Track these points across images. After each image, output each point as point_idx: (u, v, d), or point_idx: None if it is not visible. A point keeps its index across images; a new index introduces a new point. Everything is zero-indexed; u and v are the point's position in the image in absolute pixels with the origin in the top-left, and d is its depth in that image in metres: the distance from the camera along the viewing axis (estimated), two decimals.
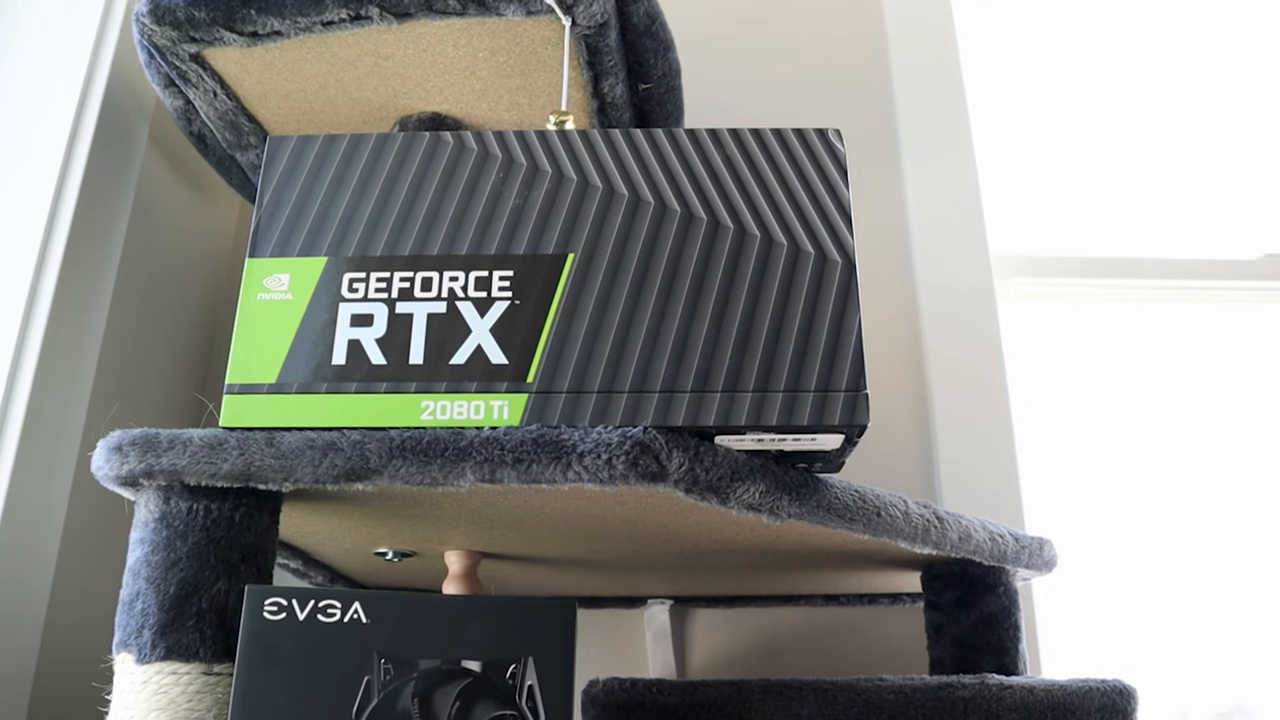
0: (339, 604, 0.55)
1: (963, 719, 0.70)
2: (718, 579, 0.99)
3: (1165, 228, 1.56)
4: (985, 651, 0.88)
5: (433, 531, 0.74)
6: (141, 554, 0.58)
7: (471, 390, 0.58)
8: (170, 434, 0.58)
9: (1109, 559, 1.35)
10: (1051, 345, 1.45)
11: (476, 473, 0.55)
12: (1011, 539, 0.84)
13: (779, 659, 1.16)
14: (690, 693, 0.69)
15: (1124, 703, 0.74)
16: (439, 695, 0.54)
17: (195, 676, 0.56)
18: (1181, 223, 1.56)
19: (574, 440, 0.55)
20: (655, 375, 0.57)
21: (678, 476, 0.55)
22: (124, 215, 1.01)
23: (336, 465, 0.56)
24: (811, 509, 0.63)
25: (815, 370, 0.57)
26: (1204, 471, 1.40)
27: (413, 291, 0.60)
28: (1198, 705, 1.31)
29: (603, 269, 0.60)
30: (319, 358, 0.59)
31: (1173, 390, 1.44)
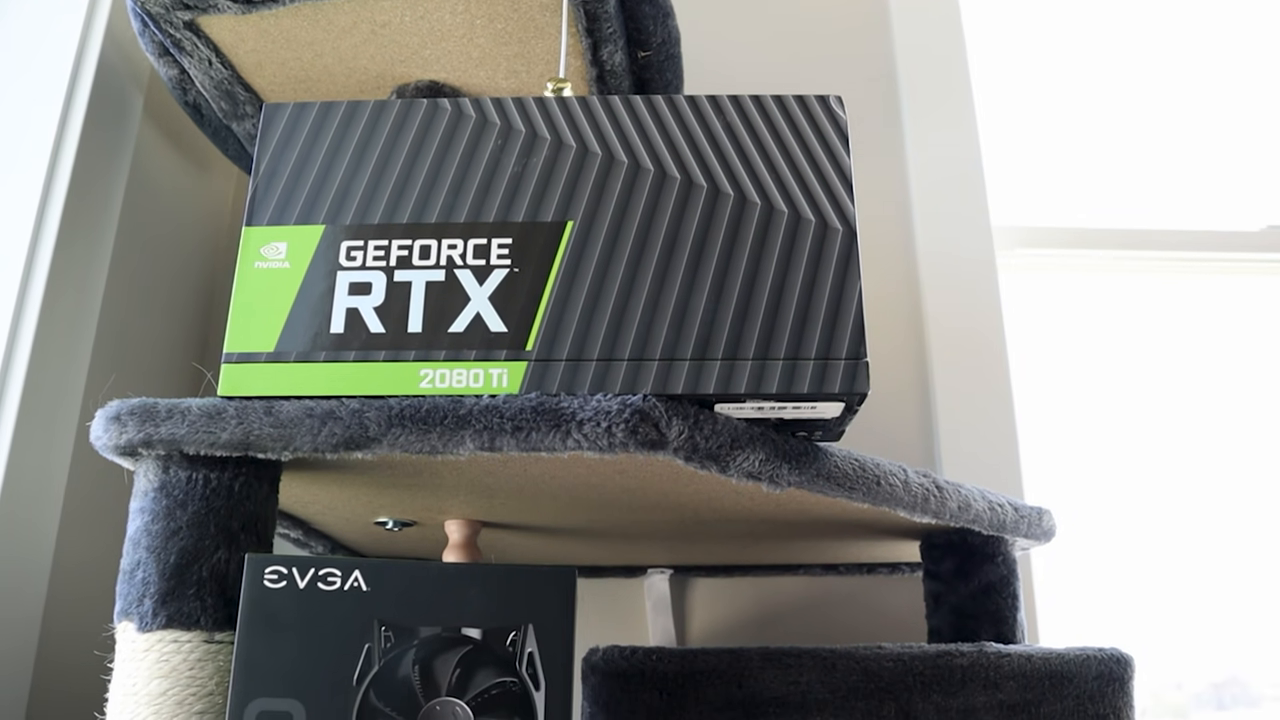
0: (339, 572, 0.55)
1: (960, 686, 0.71)
2: (717, 548, 0.99)
3: (1168, 199, 1.55)
4: (983, 620, 0.89)
5: (432, 500, 0.74)
6: (141, 523, 0.58)
7: (470, 358, 0.58)
8: (169, 403, 0.58)
9: (1107, 530, 1.35)
10: (1052, 316, 1.44)
11: (476, 441, 0.55)
12: (1010, 508, 0.84)
13: (778, 628, 1.16)
14: (690, 660, 0.69)
15: (1121, 671, 0.74)
16: (439, 662, 0.54)
17: (197, 645, 0.56)
18: (1184, 194, 1.56)
19: (573, 408, 0.55)
20: (655, 343, 0.57)
21: (677, 444, 0.55)
22: (119, 186, 1.01)
23: (335, 434, 0.56)
24: (811, 477, 0.63)
25: (815, 338, 0.57)
26: (1203, 444, 1.40)
27: (411, 259, 0.60)
28: (1192, 675, 1.32)
29: (602, 236, 0.59)
30: (317, 326, 0.59)
31: (1173, 362, 1.44)
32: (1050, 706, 0.71)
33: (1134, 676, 0.75)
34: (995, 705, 0.71)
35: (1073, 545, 1.34)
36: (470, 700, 0.54)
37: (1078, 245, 1.45)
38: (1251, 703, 1.32)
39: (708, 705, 0.68)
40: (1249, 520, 1.37)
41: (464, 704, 0.54)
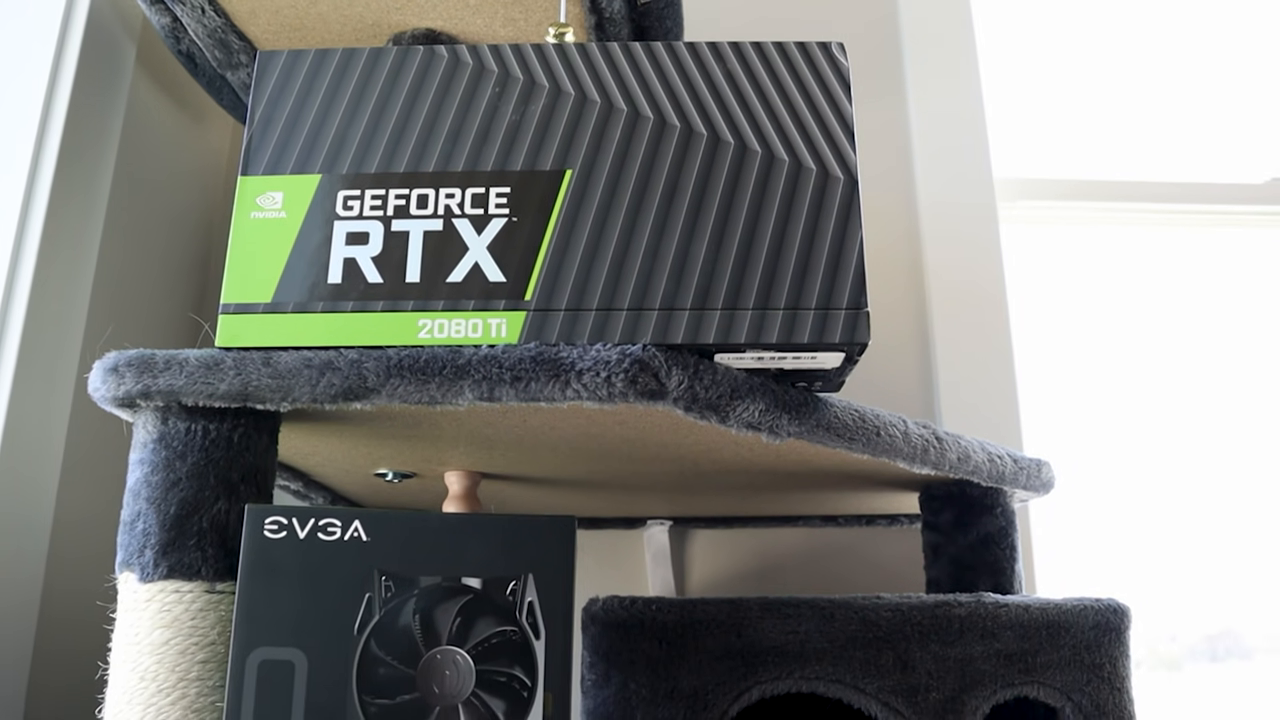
0: (339, 522, 0.55)
1: (958, 636, 0.71)
2: (717, 499, 0.99)
3: (1172, 151, 1.54)
4: (982, 571, 0.89)
5: (432, 452, 0.74)
6: (141, 474, 0.58)
7: (469, 308, 0.57)
8: (166, 354, 0.58)
9: (1104, 482, 1.36)
10: (1054, 269, 1.44)
11: (475, 391, 0.55)
12: (1010, 460, 0.84)
13: (777, 579, 1.17)
14: (689, 610, 0.69)
15: (1117, 621, 0.75)
16: (440, 612, 0.55)
17: (198, 595, 0.56)
18: (1188, 147, 1.55)
19: (572, 358, 0.55)
20: (654, 292, 0.57)
21: (677, 394, 0.55)
22: (114, 137, 1.00)
23: (334, 384, 0.56)
24: (811, 428, 0.62)
25: (816, 287, 0.56)
26: (1202, 396, 1.40)
27: (408, 209, 0.59)
28: (1186, 628, 1.33)
29: (601, 185, 0.59)
30: (315, 276, 0.59)
31: (1175, 316, 1.43)
32: (1047, 656, 0.72)
33: (1130, 627, 0.75)
34: (993, 654, 0.71)
35: (1070, 497, 1.35)
36: (471, 649, 0.54)
37: (1080, 197, 1.44)
38: (1244, 655, 1.34)
39: (707, 654, 0.68)
40: (1244, 474, 1.38)
41: (464, 653, 0.54)
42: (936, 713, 0.69)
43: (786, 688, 0.69)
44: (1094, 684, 0.72)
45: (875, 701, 0.69)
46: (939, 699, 0.70)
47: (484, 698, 0.54)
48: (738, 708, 0.68)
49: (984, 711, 0.70)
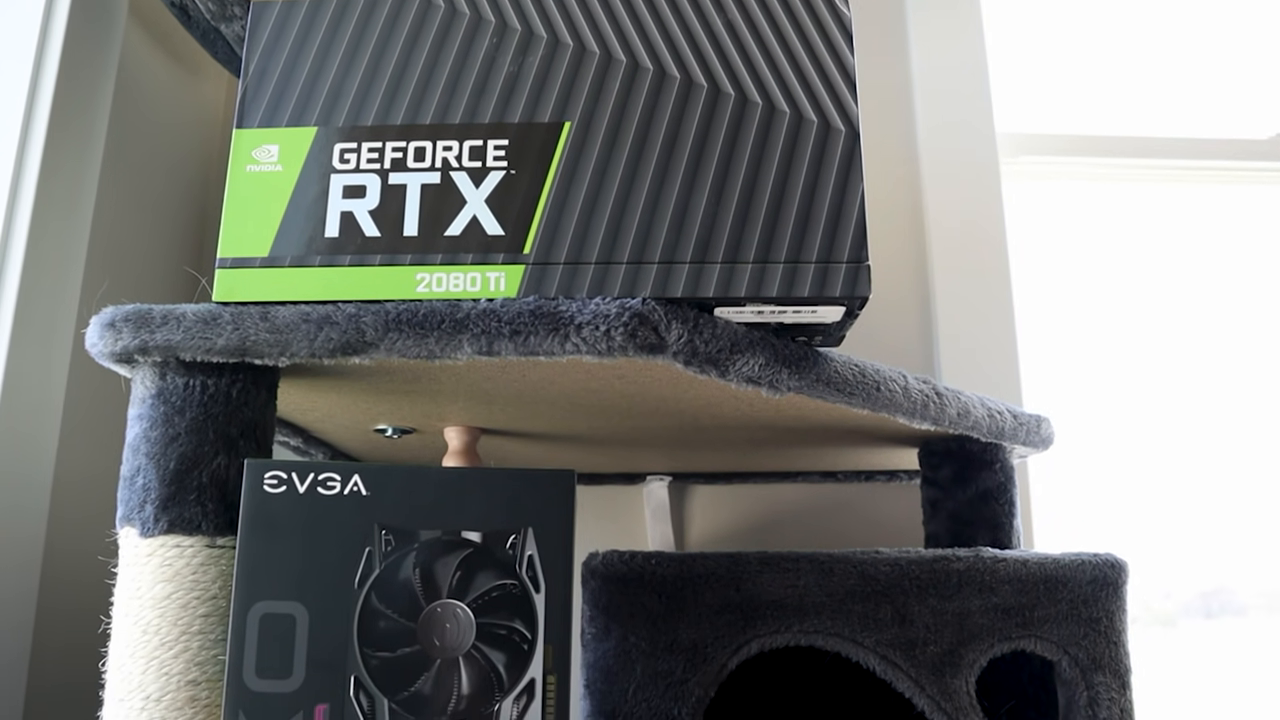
0: (339, 477, 0.55)
1: (956, 590, 0.71)
2: (716, 455, 0.99)
3: (1175, 106, 1.52)
4: (980, 526, 0.89)
5: (431, 407, 0.74)
6: (140, 430, 0.58)
7: (467, 262, 0.57)
8: (163, 309, 0.58)
9: (1103, 440, 1.36)
10: (1055, 225, 1.43)
11: (474, 345, 0.55)
12: (1009, 416, 0.84)
13: (776, 535, 1.17)
14: (688, 565, 0.69)
15: (1115, 575, 0.75)
16: (440, 565, 0.55)
17: (199, 549, 0.56)
18: (1192, 101, 1.53)
19: (571, 311, 0.54)
20: (654, 246, 0.56)
21: (676, 348, 0.55)
22: (107, 91, 0.99)
23: (332, 339, 0.56)
24: (811, 382, 0.62)
25: (817, 241, 0.56)
26: (1202, 354, 1.40)
27: (405, 162, 0.59)
28: (1181, 585, 1.34)
29: (600, 137, 0.58)
30: (311, 230, 0.58)
31: (1177, 272, 1.43)
32: (1044, 610, 0.72)
33: (1127, 581, 0.75)
34: (990, 608, 0.72)
35: (1068, 454, 1.35)
36: (471, 602, 0.55)
37: (1083, 152, 1.43)
38: (1238, 611, 1.35)
39: (706, 608, 0.69)
40: (1241, 432, 1.38)
41: (465, 606, 0.54)
42: (934, 666, 0.70)
43: (785, 641, 0.69)
44: (1091, 638, 0.73)
45: (873, 655, 0.70)
46: (936, 652, 0.70)
47: (484, 650, 0.54)
48: (737, 660, 0.69)
49: (981, 664, 0.71)
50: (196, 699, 0.55)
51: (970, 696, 0.70)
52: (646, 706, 0.67)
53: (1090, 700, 0.72)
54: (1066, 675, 0.72)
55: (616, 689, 0.67)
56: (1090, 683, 0.72)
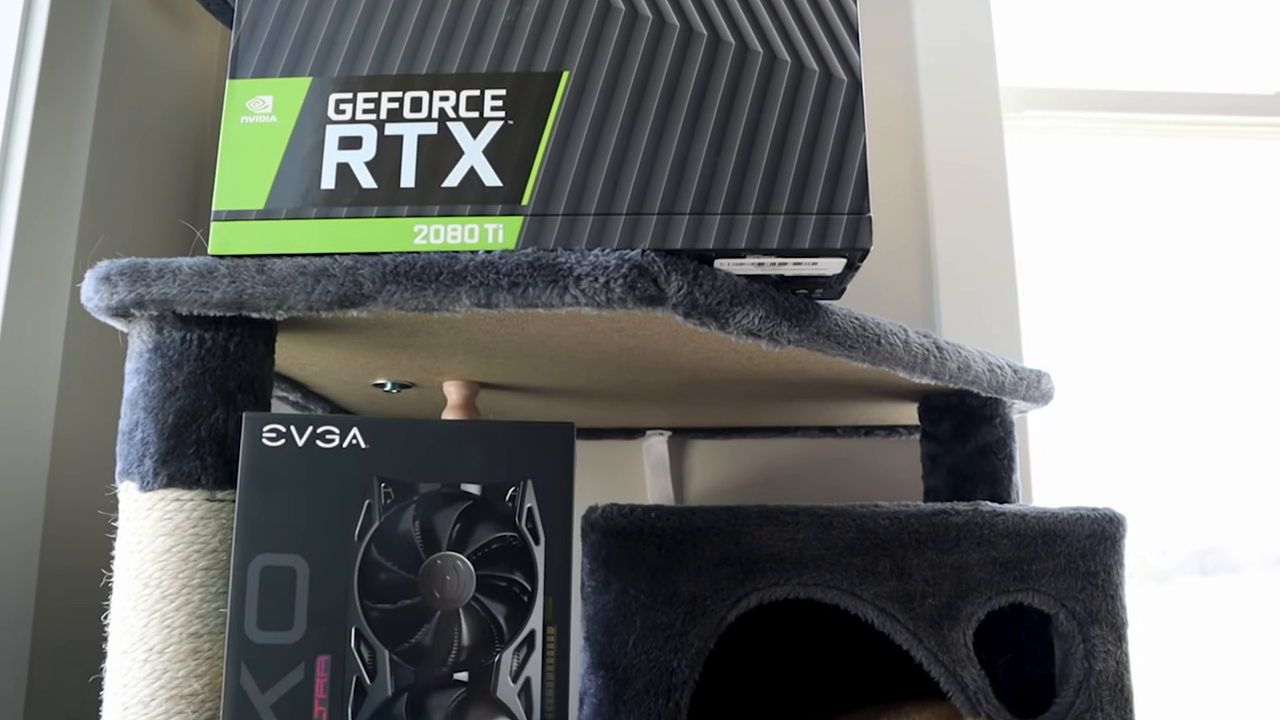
0: (337, 429, 0.55)
1: (955, 544, 0.72)
2: (716, 410, 0.99)
3: (1179, 61, 1.51)
4: (979, 481, 0.90)
5: (430, 361, 0.74)
6: (138, 384, 0.58)
7: (465, 213, 0.56)
8: (159, 263, 0.57)
9: (1101, 396, 1.36)
10: (1058, 180, 1.42)
11: (472, 297, 0.55)
12: (1010, 370, 0.84)
13: (776, 489, 1.18)
14: (688, 518, 0.70)
15: (1113, 530, 0.75)
16: (439, 518, 0.55)
17: (199, 503, 0.56)
18: (1196, 56, 1.51)
19: (570, 263, 0.54)
20: (653, 197, 0.56)
21: (676, 300, 0.54)
22: (98, 44, 0.98)
23: (329, 291, 0.56)
24: (811, 335, 0.62)
25: (818, 192, 0.55)
26: (1204, 311, 1.39)
27: (402, 112, 0.58)
28: (1176, 542, 1.35)
29: (599, 87, 0.57)
30: (307, 182, 0.58)
31: (1179, 228, 1.42)
32: (1042, 564, 0.73)
33: (1125, 535, 0.75)
34: (989, 562, 0.72)
35: (1067, 411, 1.35)
36: (470, 554, 0.55)
37: (1086, 107, 1.42)
38: (1233, 569, 1.35)
39: (705, 561, 0.69)
40: (1239, 391, 1.38)
41: (464, 558, 0.55)
42: (932, 618, 0.70)
43: (784, 594, 0.70)
44: (1088, 591, 0.73)
45: (872, 607, 0.70)
46: (935, 605, 0.70)
47: (484, 602, 0.54)
48: (736, 613, 0.69)
49: (979, 617, 0.71)
50: (199, 651, 0.55)
51: (968, 649, 0.70)
52: (646, 658, 0.67)
53: (1086, 653, 0.72)
54: (1063, 628, 0.73)
55: (616, 641, 0.68)
56: (1087, 635, 0.72)
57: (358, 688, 0.53)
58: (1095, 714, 0.71)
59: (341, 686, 0.53)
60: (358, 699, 0.53)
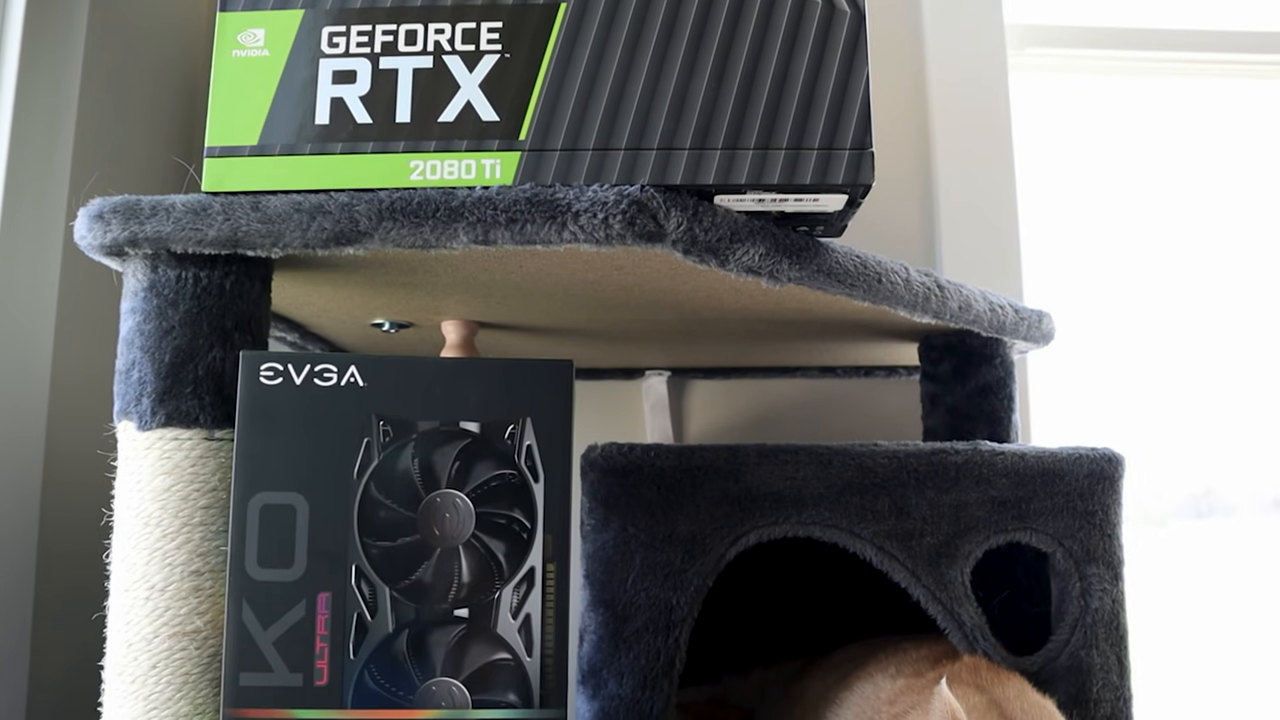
0: (335, 368, 0.55)
1: (954, 483, 0.72)
2: (715, 349, 0.99)
3: None
4: (979, 421, 0.90)
5: (428, 300, 0.73)
6: (134, 323, 0.57)
7: (462, 149, 0.55)
8: (152, 200, 0.57)
9: (1098, 339, 1.35)
10: (1061, 119, 1.40)
11: (469, 234, 0.54)
12: (1011, 310, 0.84)
13: (775, 429, 1.18)
14: (688, 457, 0.70)
15: (1111, 469, 0.75)
16: (438, 456, 0.55)
17: (197, 442, 0.56)
18: None
19: (569, 199, 0.53)
20: (653, 131, 0.55)
21: (676, 236, 0.54)
22: None
23: (325, 228, 0.55)
24: (811, 273, 0.61)
25: (820, 126, 0.55)
26: (1206, 254, 1.38)
27: (396, 45, 0.57)
28: (1171, 486, 1.35)
29: (597, 19, 0.56)
30: (301, 117, 0.57)
31: (1186, 169, 1.40)
32: (1040, 503, 0.73)
33: (1124, 475, 0.76)
34: (987, 501, 0.72)
35: (1065, 353, 1.34)
36: (470, 492, 0.55)
37: (1092, 44, 1.39)
38: (1228, 512, 1.36)
39: (704, 500, 0.69)
40: (1238, 335, 1.37)
41: (464, 496, 0.55)
42: (930, 557, 0.70)
43: (783, 532, 0.70)
44: (1085, 530, 0.73)
45: (870, 546, 0.70)
46: (933, 543, 0.71)
47: (484, 539, 0.55)
48: (735, 551, 0.69)
49: (977, 556, 0.72)
50: (200, 589, 0.55)
51: (965, 587, 0.71)
52: (646, 596, 0.68)
53: (1083, 591, 0.72)
54: (1060, 566, 0.73)
55: (616, 579, 0.68)
56: (1084, 574, 0.73)
57: (358, 624, 0.54)
58: (1091, 651, 0.72)
59: (342, 623, 0.54)
60: (359, 635, 0.54)
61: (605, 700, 0.67)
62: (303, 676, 0.53)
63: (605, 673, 0.68)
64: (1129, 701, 0.73)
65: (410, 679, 0.54)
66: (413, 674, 0.54)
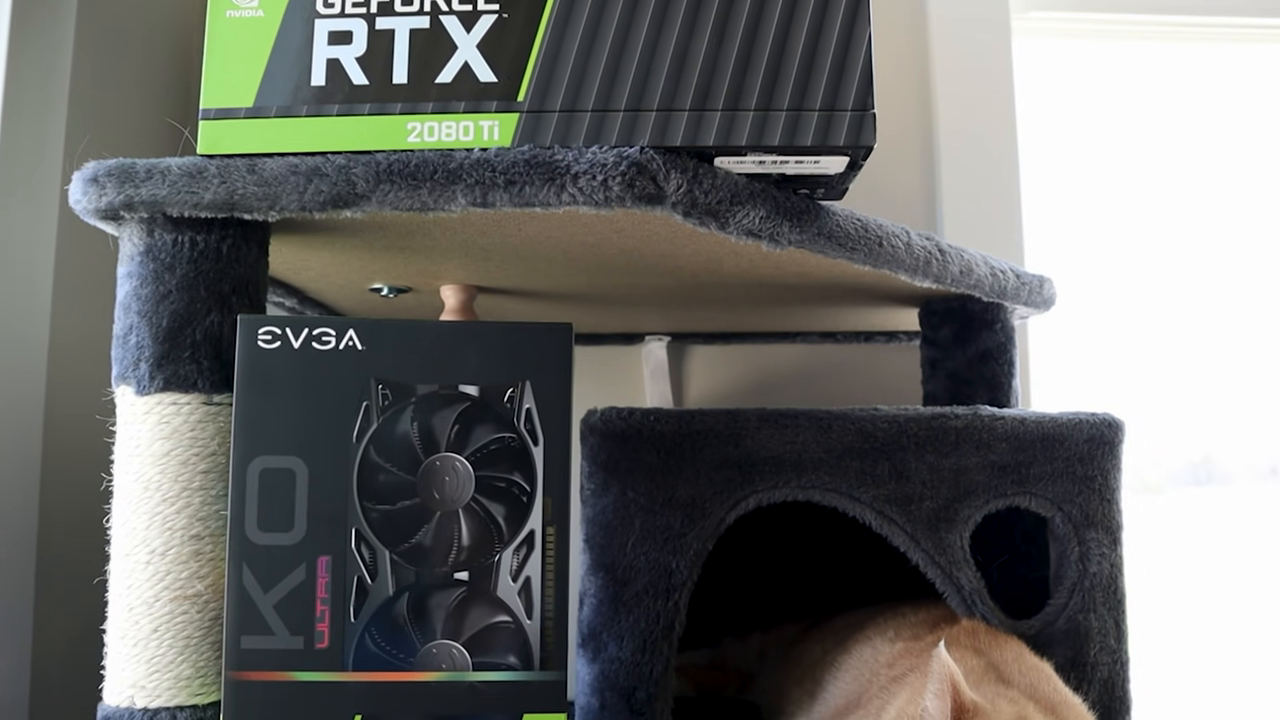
0: (333, 331, 0.55)
1: (954, 447, 0.72)
2: (715, 314, 0.99)
3: None
4: (979, 386, 0.90)
5: (427, 264, 0.73)
6: (130, 288, 0.57)
7: (460, 110, 0.55)
8: (147, 163, 0.56)
9: (1099, 305, 1.35)
10: (1065, 83, 1.39)
11: (468, 196, 0.54)
12: (1012, 275, 0.83)
13: (775, 395, 1.18)
14: (687, 421, 0.69)
15: (1111, 434, 0.75)
16: (438, 419, 0.55)
17: (196, 406, 0.56)
18: None
19: (568, 161, 0.53)
20: (652, 92, 0.54)
21: (675, 199, 0.53)
22: None
23: (322, 191, 0.55)
24: (812, 236, 0.61)
25: (821, 87, 0.54)
26: (1209, 221, 1.38)
27: (393, 5, 0.56)
28: (1170, 453, 1.36)
29: None
30: (297, 79, 0.56)
31: (1189, 135, 1.39)
32: (1040, 468, 0.73)
33: (1123, 440, 0.75)
34: (987, 465, 0.72)
35: (1064, 320, 1.34)
36: (469, 455, 0.55)
37: (1097, 8, 1.38)
38: (1225, 480, 1.36)
39: (704, 464, 0.69)
40: (1237, 304, 1.36)
41: (463, 459, 0.55)
42: (929, 521, 0.71)
43: (782, 496, 0.70)
44: (1085, 495, 0.73)
45: (870, 510, 0.70)
46: (932, 508, 0.71)
47: (484, 502, 0.55)
48: (735, 515, 0.69)
49: (976, 520, 0.72)
50: (200, 553, 0.55)
51: (964, 551, 0.71)
52: (645, 560, 0.68)
53: (1081, 555, 0.73)
54: (1059, 531, 0.73)
55: (615, 543, 0.68)
56: (1082, 539, 0.73)
57: (359, 587, 0.54)
58: (1089, 615, 0.72)
59: (343, 586, 0.54)
60: (359, 598, 0.54)
61: (605, 663, 0.68)
62: (304, 639, 0.53)
63: (605, 636, 0.68)
64: (1126, 665, 0.73)
65: (411, 641, 0.54)
66: (413, 636, 0.54)
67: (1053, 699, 0.61)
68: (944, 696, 0.53)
